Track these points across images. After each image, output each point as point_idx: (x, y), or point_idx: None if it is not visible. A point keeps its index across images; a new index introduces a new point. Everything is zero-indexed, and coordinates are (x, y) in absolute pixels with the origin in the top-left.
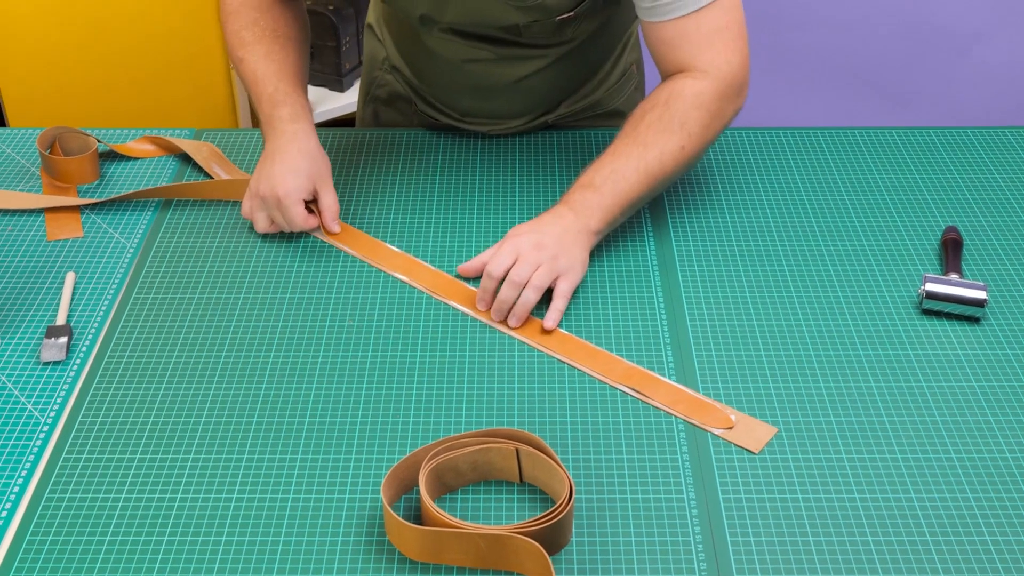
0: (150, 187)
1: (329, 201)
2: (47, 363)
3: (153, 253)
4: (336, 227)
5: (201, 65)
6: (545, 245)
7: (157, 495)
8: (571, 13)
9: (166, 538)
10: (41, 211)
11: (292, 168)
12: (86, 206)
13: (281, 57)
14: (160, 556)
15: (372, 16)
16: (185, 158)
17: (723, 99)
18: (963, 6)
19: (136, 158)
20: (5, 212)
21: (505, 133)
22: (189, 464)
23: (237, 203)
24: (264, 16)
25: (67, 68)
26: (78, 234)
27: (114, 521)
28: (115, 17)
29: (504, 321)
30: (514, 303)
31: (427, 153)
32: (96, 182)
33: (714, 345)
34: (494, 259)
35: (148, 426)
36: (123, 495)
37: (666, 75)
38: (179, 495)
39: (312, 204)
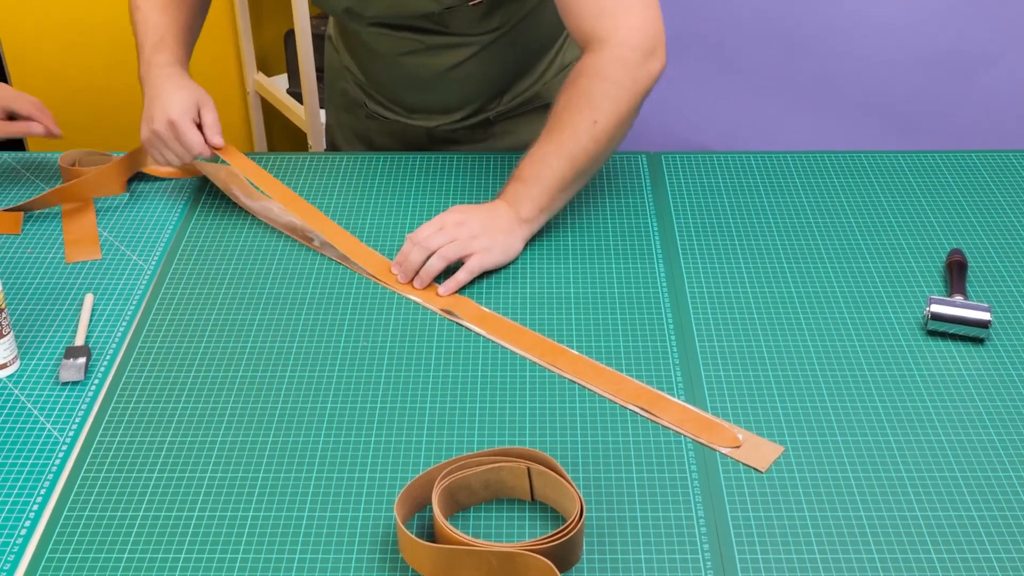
0: (36, 196)
1: (210, 118)
2: (66, 383)
3: (170, 275)
4: (220, 140)
5: (217, 89)
6: (467, 223)
7: (174, 514)
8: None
9: (183, 556)
10: (60, 233)
11: (176, 96)
12: (102, 230)
13: (174, 13)
14: (178, 574)
15: (330, 27)
16: (204, 179)
17: (627, 66)
18: (968, 31)
19: (161, 178)
20: (25, 235)
21: (449, 126)
22: (206, 483)
23: (256, 227)
24: None
25: (86, 93)
26: (96, 256)
27: (131, 539)
28: (131, 39)
29: (411, 284)
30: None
31: (437, 174)
32: (123, 194)
33: (722, 365)
34: (420, 228)
35: (165, 446)
36: (140, 514)
37: (579, 46)
38: (196, 514)
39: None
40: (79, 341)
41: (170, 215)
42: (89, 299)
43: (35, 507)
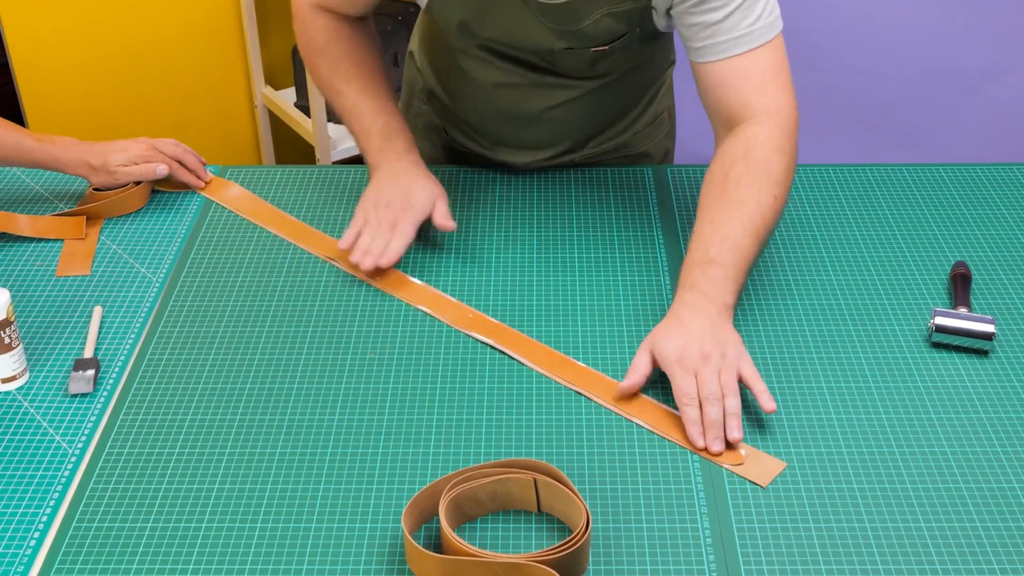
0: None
1: (442, 210)
2: (75, 395)
3: (179, 287)
4: (450, 224)
5: (225, 103)
6: (709, 352)
7: (183, 525)
8: (606, 47)
9: (191, 567)
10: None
11: (423, 184)
12: (111, 243)
13: (377, 91)
14: None
15: (414, 42)
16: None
17: (792, 138)
18: (973, 46)
19: (169, 191)
20: (33, 248)
21: (532, 167)
22: (214, 494)
23: (265, 240)
24: (352, 49)
25: (92, 106)
26: (85, 272)
27: (140, 551)
28: (140, 55)
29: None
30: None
31: (451, 188)
32: (143, 209)
33: None
34: (681, 387)
35: (174, 457)
36: (149, 525)
37: (724, 121)
38: (204, 525)
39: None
40: (88, 353)
41: (179, 228)
42: (98, 311)
43: (44, 518)
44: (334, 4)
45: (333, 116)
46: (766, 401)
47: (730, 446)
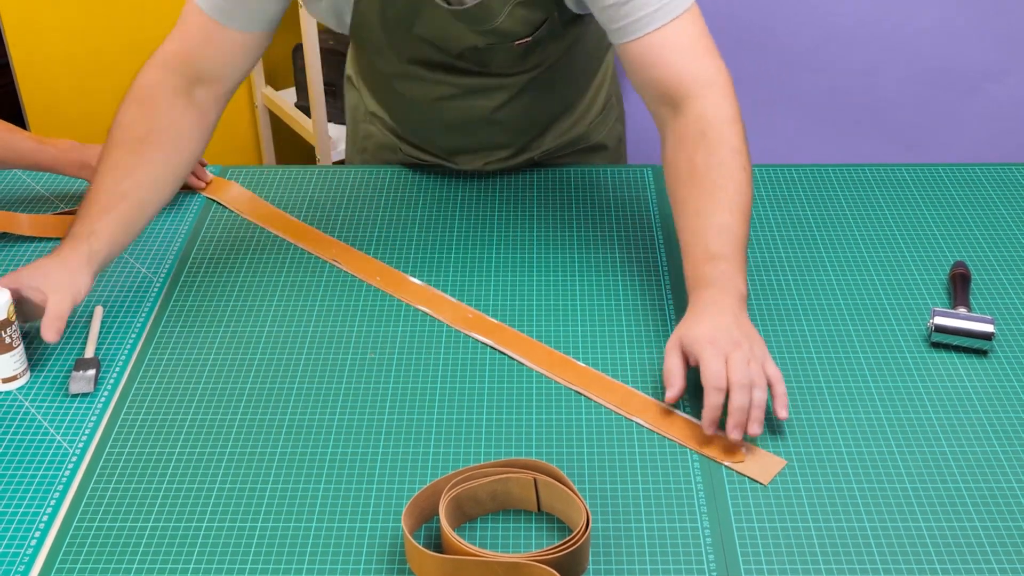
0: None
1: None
2: (75, 395)
3: (180, 287)
4: (51, 336)
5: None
6: (739, 340)
7: (184, 525)
8: (529, 38)
9: (192, 567)
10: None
11: (58, 278)
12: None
13: (126, 172)
14: None
15: (349, 67)
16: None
17: (734, 100)
18: (972, 46)
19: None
20: (34, 248)
21: (490, 170)
22: (214, 495)
23: (265, 239)
24: (147, 117)
25: (93, 107)
26: None
27: (141, 551)
28: (141, 56)
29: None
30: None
31: (446, 191)
32: None
33: None
34: (711, 368)
35: (174, 457)
36: (150, 525)
37: (660, 98)
38: (205, 525)
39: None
40: (89, 353)
41: (179, 228)
42: (99, 311)
43: (45, 518)
44: (201, 57)
45: (333, 116)
46: (781, 407)
47: (732, 444)
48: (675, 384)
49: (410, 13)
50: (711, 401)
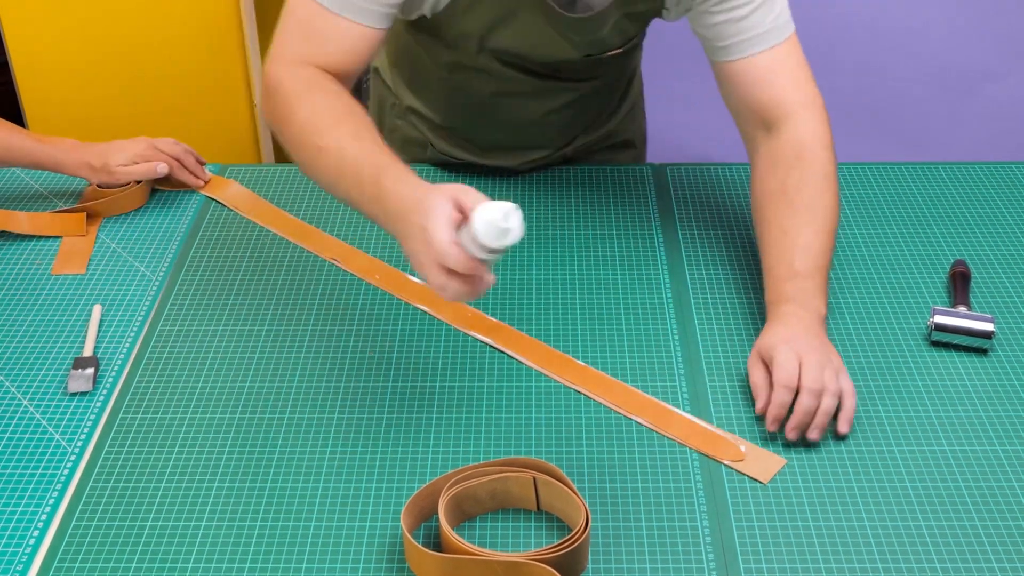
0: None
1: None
2: (74, 394)
3: (179, 285)
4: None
5: (224, 102)
6: (817, 348)
7: (182, 523)
8: (620, 49)
9: (191, 566)
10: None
11: (427, 216)
12: (111, 241)
13: (365, 134)
14: None
15: (379, 59)
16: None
17: (830, 129)
18: (973, 45)
19: (168, 190)
20: (33, 247)
21: (523, 168)
22: (214, 493)
23: (264, 238)
24: (337, 98)
25: (92, 105)
26: (80, 271)
27: (140, 549)
28: (140, 53)
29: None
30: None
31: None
32: (142, 207)
33: (727, 376)
34: (784, 366)
35: (173, 455)
36: (148, 523)
37: (756, 120)
38: (204, 523)
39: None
40: (87, 352)
41: (178, 226)
42: (97, 310)
43: (43, 517)
44: (327, 55)
45: None
46: (845, 421)
47: (731, 444)
48: (762, 396)
49: (507, 15)
50: (778, 398)
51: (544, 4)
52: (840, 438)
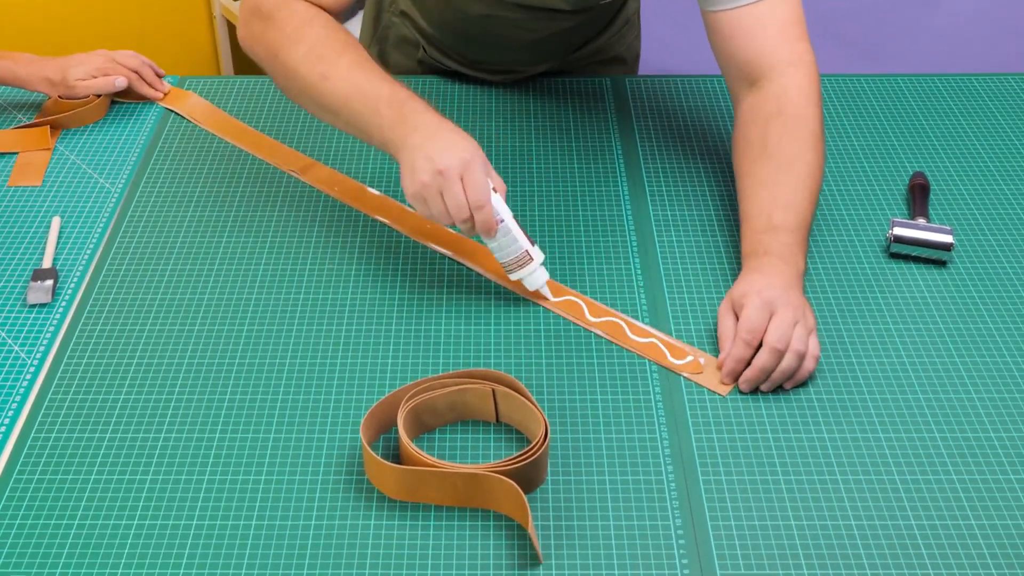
0: None
1: (497, 177)
2: (33, 306)
3: (138, 197)
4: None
5: (184, 14)
6: (794, 303)
7: (141, 435)
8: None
9: (149, 479)
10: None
11: (466, 137)
12: (69, 152)
13: (370, 64)
14: (144, 495)
15: None
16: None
17: (819, 87)
18: None
19: (127, 102)
20: None
21: (509, 81)
22: (172, 405)
23: (224, 150)
24: (335, 31)
25: (52, 18)
26: (36, 183)
27: (99, 462)
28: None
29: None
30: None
31: (433, 100)
32: (101, 120)
33: (686, 289)
34: (751, 318)
35: (132, 368)
36: (107, 436)
37: (741, 74)
38: (163, 435)
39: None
40: (46, 264)
41: (137, 138)
42: (56, 222)
43: (2, 429)
44: None
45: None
46: (791, 383)
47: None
48: (726, 347)
49: None
50: (736, 352)
51: None
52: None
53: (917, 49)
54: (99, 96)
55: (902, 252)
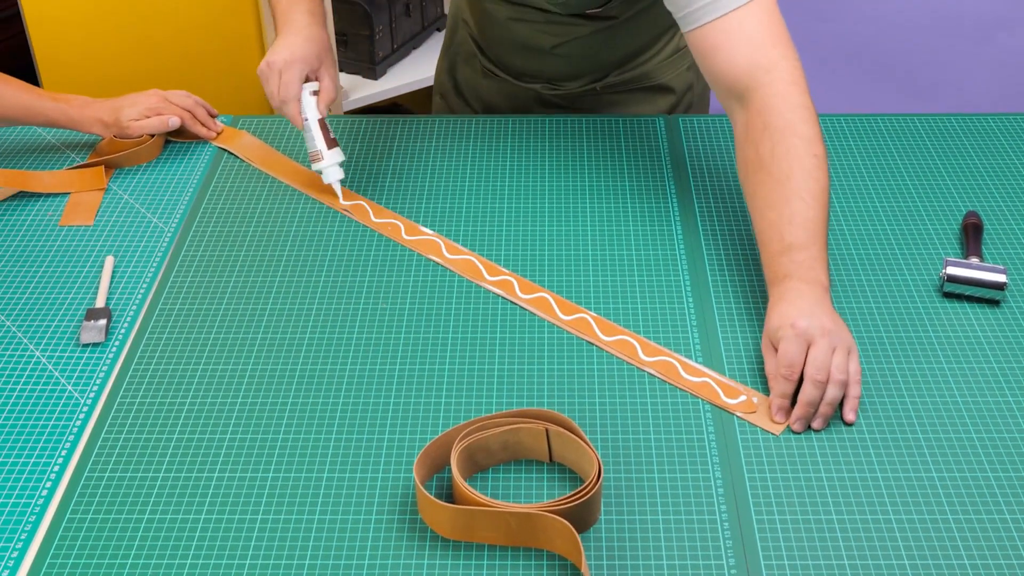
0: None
1: (328, 84)
2: (86, 345)
3: (191, 237)
4: (324, 110)
5: (235, 49)
6: (828, 327)
7: (195, 475)
8: (600, 8)
9: (203, 517)
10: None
11: (308, 39)
12: (123, 192)
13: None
14: (197, 535)
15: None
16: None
17: (801, 87)
18: None
19: (181, 141)
20: (46, 197)
21: (555, 98)
22: (225, 445)
23: (276, 189)
24: None
25: (104, 56)
26: (88, 223)
27: (152, 501)
28: (153, 5)
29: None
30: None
31: (457, 139)
32: (155, 159)
33: (739, 328)
34: (789, 352)
35: (185, 407)
36: (161, 475)
37: (726, 91)
38: (216, 474)
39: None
40: (100, 303)
41: (191, 177)
42: (110, 261)
43: (56, 468)
44: None
45: (345, 66)
46: (850, 410)
47: (739, 397)
48: (776, 389)
49: None
50: (779, 388)
51: None
52: (847, 424)
53: (971, 88)
54: (152, 136)
55: (955, 291)
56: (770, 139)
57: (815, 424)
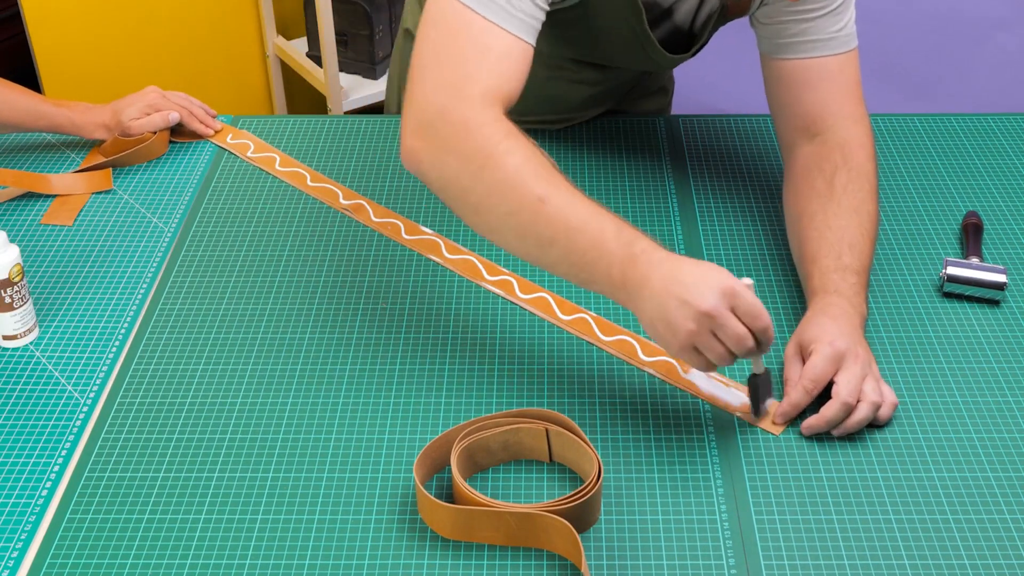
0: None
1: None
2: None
3: (191, 237)
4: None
5: (237, 54)
6: (861, 355)
7: (195, 474)
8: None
9: (203, 517)
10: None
11: (707, 264)
12: (123, 192)
13: (581, 191)
14: (197, 535)
15: (407, 21)
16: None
17: (875, 147)
18: None
19: (181, 141)
20: (43, 199)
21: (554, 128)
22: (225, 445)
23: (276, 189)
24: (534, 145)
25: (106, 58)
26: (68, 223)
27: (151, 501)
28: (153, 6)
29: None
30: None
31: None
32: (164, 155)
33: None
34: (816, 366)
35: (185, 407)
36: (160, 475)
37: (799, 123)
38: (216, 475)
39: None
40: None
41: (191, 177)
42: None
43: (56, 468)
44: (515, 83)
45: (345, 66)
46: (882, 423)
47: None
48: (791, 394)
49: (608, 29)
50: (795, 398)
51: (649, 43)
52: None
53: (970, 88)
54: (155, 133)
55: (955, 291)
56: (847, 175)
57: (835, 431)
